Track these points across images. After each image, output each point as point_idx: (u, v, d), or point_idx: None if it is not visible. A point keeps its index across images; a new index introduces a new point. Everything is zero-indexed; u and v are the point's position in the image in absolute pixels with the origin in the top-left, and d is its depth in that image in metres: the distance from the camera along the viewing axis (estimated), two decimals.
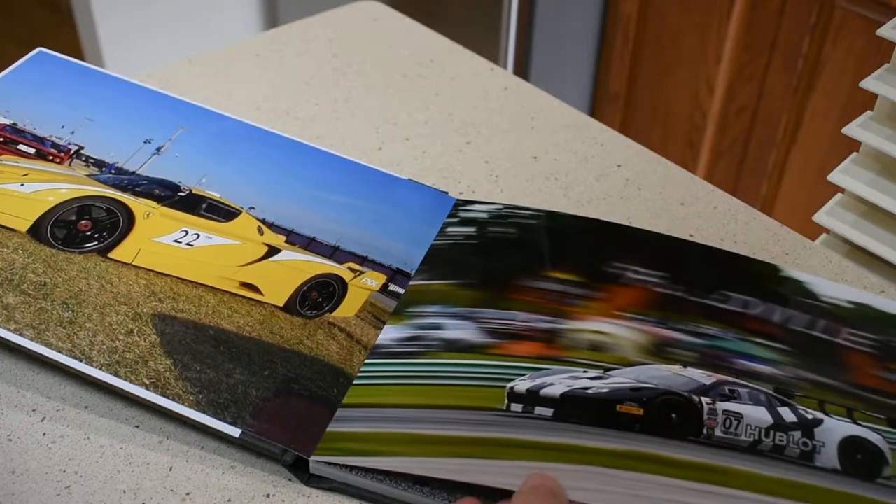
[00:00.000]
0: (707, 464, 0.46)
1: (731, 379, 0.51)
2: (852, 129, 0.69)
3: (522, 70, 1.70)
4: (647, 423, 0.48)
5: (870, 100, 0.69)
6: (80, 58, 2.02)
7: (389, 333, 0.54)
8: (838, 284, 0.59)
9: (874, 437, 0.49)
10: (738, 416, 0.48)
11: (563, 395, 0.49)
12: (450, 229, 0.61)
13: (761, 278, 0.58)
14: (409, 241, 0.60)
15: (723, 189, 0.70)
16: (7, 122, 0.61)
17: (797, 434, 0.48)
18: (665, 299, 0.56)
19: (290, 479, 0.48)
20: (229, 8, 2.10)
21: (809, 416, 0.49)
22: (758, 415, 0.49)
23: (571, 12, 1.69)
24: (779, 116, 1.54)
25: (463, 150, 0.73)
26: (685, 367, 0.51)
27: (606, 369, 0.51)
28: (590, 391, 0.49)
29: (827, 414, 0.50)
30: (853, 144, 0.71)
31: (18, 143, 0.60)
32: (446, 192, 0.64)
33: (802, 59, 1.46)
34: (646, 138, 1.74)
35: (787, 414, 0.49)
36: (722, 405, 0.49)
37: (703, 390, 0.49)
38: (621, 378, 0.50)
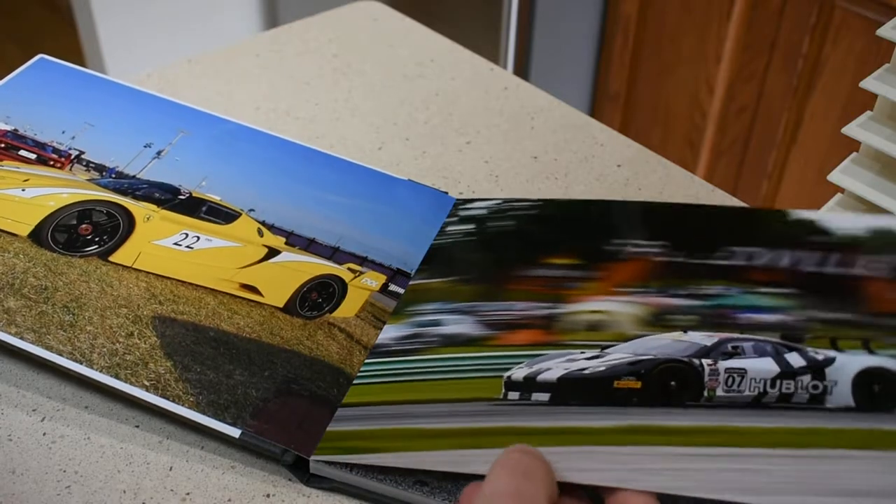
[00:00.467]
0: (708, 426, 0.45)
1: (734, 335, 0.48)
2: (852, 129, 0.69)
3: (522, 70, 1.70)
4: (645, 395, 0.46)
5: (870, 100, 0.69)
6: (81, 57, 2.02)
7: (389, 333, 0.54)
8: (856, 215, 0.55)
9: (892, 364, 0.45)
10: (742, 372, 0.46)
11: (560, 379, 0.48)
12: (449, 228, 0.61)
13: (768, 226, 0.55)
14: (409, 242, 0.60)
15: (723, 189, 0.70)
16: (8, 128, 0.62)
17: (806, 378, 0.46)
18: (666, 267, 0.54)
19: (290, 479, 0.48)
20: (229, 8, 2.10)
21: (820, 357, 0.46)
22: (763, 366, 0.47)
23: (571, 12, 1.69)
24: (779, 116, 1.54)
25: (463, 150, 0.73)
26: (685, 331, 0.49)
27: (604, 347, 0.49)
28: (586, 371, 0.48)
29: (840, 350, 0.47)
30: (853, 144, 0.71)
31: (19, 148, 0.61)
32: (446, 192, 0.65)
33: (802, 59, 1.46)
34: (646, 138, 1.74)
35: (795, 359, 0.47)
36: (724, 363, 0.47)
37: (705, 352, 0.48)
38: (619, 354, 0.49)
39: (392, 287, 0.57)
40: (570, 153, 0.73)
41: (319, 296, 0.56)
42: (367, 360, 0.52)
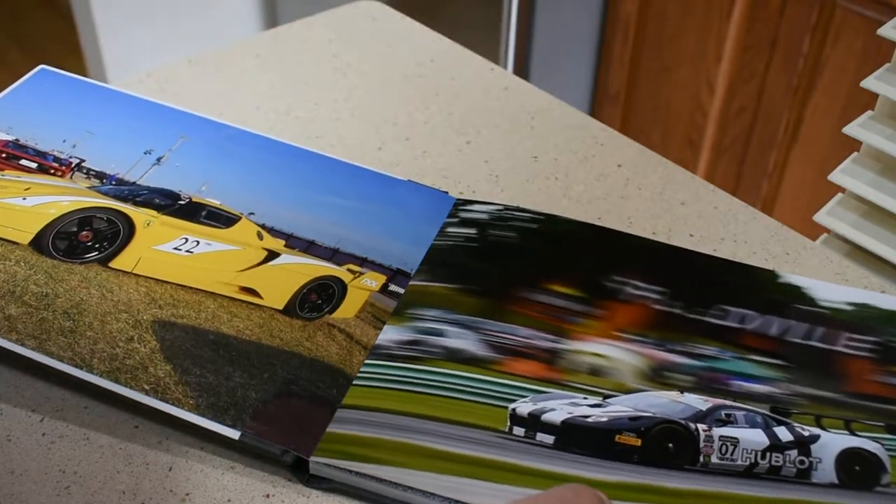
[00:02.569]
0: (704, 491, 0.47)
1: (727, 402, 0.51)
2: (853, 129, 0.69)
3: (522, 70, 1.70)
4: (644, 453, 0.49)
5: (870, 99, 0.69)
6: (80, 57, 2.02)
7: (389, 334, 0.54)
8: (838, 286, 0.59)
9: (872, 446, 0.49)
10: (735, 441, 0.49)
11: (564, 423, 0.50)
12: (450, 229, 0.61)
13: (759, 287, 0.59)
14: (409, 241, 0.60)
15: (723, 189, 0.70)
16: (10, 138, 0.62)
17: (793, 453, 0.49)
18: (664, 318, 0.56)
19: (289, 479, 0.48)
20: (229, 8, 2.10)
21: (806, 434, 0.50)
22: (754, 437, 0.50)
23: (571, 12, 1.69)
24: (779, 116, 1.53)
25: (463, 150, 0.73)
26: (682, 392, 0.52)
27: (606, 396, 0.52)
28: (589, 419, 0.50)
29: (824, 429, 0.50)
30: (853, 144, 0.71)
31: (21, 158, 0.61)
32: (446, 192, 0.65)
33: (802, 59, 1.46)
34: (646, 138, 1.73)
35: (783, 434, 0.50)
36: (718, 431, 0.50)
37: (700, 416, 0.50)
38: (620, 406, 0.51)
39: (392, 287, 0.57)
40: (570, 153, 0.73)
41: (319, 297, 0.56)
42: (367, 361, 0.52)
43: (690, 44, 1.61)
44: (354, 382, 0.51)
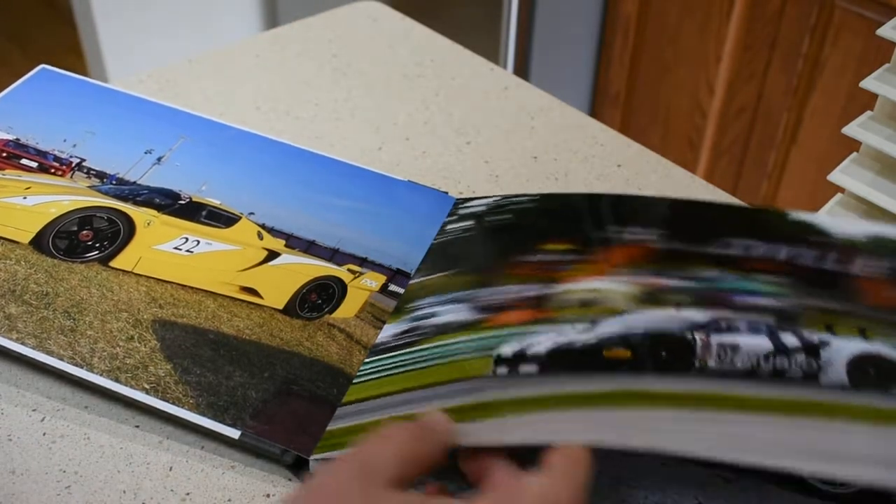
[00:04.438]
0: (700, 392, 0.42)
1: (728, 314, 0.45)
2: (852, 129, 0.69)
3: (522, 70, 1.70)
4: (635, 364, 0.44)
5: (870, 100, 0.69)
6: (81, 58, 2.02)
7: (388, 331, 0.54)
8: (856, 220, 0.53)
9: (888, 350, 0.43)
10: (735, 347, 0.43)
11: (550, 351, 0.46)
12: (449, 227, 0.61)
13: (767, 224, 0.52)
14: (409, 242, 0.60)
15: (723, 189, 0.70)
16: (10, 137, 0.62)
17: (800, 356, 0.43)
18: (662, 253, 0.51)
19: (290, 479, 0.48)
20: (229, 8, 2.10)
21: (815, 339, 0.44)
22: (756, 342, 0.44)
23: (571, 12, 1.69)
24: (779, 116, 1.54)
25: (463, 150, 0.73)
26: (679, 307, 0.47)
27: (595, 322, 0.47)
28: (576, 343, 0.46)
29: (835, 335, 0.44)
30: (853, 144, 0.71)
31: (21, 157, 0.61)
32: (446, 193, 0.65)
33: (802, 59, 1.46)
34: (646, 138, 1.74)
35: (789, 339, 0.44)
36: (717, 337, 0.44)
37: (698, 326, 0.45)
38: (610, 326, 0.46)
39: (392, 287, 0.57)
40: (570, 153, 0.73)
41: (319, 297, 0.56)
42: (366, 360, 0.52)
43: (690, 44, 1.61)
44: (354, 382, 0.51)
